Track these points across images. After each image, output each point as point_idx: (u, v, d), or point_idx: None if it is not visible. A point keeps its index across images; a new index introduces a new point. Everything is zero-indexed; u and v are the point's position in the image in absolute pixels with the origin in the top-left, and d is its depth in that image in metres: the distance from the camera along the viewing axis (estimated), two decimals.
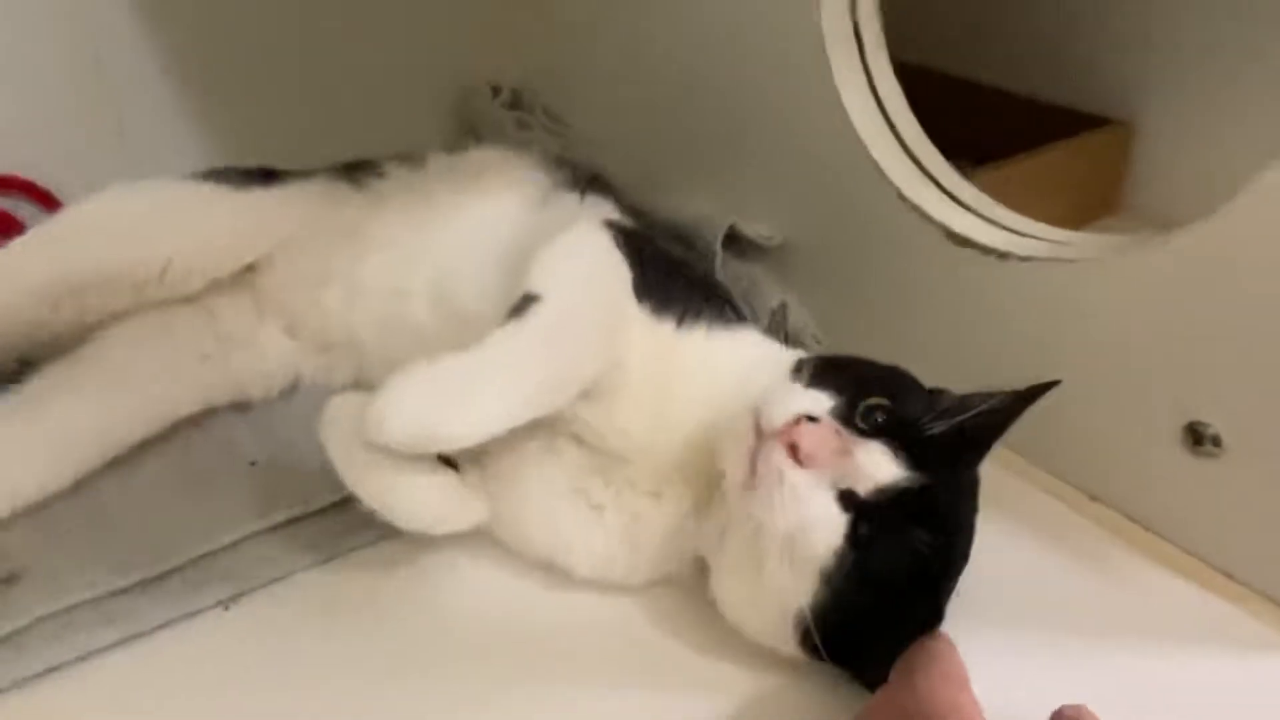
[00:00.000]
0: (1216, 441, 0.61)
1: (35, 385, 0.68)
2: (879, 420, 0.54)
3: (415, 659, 0.58)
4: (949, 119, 0.81)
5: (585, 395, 0.58)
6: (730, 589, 0.57)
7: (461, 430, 0.53)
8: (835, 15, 0.74)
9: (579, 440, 0.61)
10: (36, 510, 0.64)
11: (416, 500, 0.56)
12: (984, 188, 1.04)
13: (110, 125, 0.96)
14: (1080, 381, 0.67)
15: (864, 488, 0.51)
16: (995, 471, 0.71)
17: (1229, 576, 0.63)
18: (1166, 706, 0.56)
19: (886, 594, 0.51)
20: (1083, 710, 0.46)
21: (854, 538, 0.51)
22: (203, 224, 0.74)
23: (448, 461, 0.59)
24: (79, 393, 0.68)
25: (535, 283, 0.58)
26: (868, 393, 0.55)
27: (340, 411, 0.58)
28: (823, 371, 0.57)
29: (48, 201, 0.93)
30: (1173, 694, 0.57)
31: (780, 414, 0.52)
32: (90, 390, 0.68)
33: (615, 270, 0.63)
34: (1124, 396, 0.65)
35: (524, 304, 0.57)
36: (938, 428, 0.53)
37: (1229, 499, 0.61)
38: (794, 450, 0.51)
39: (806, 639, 0.53)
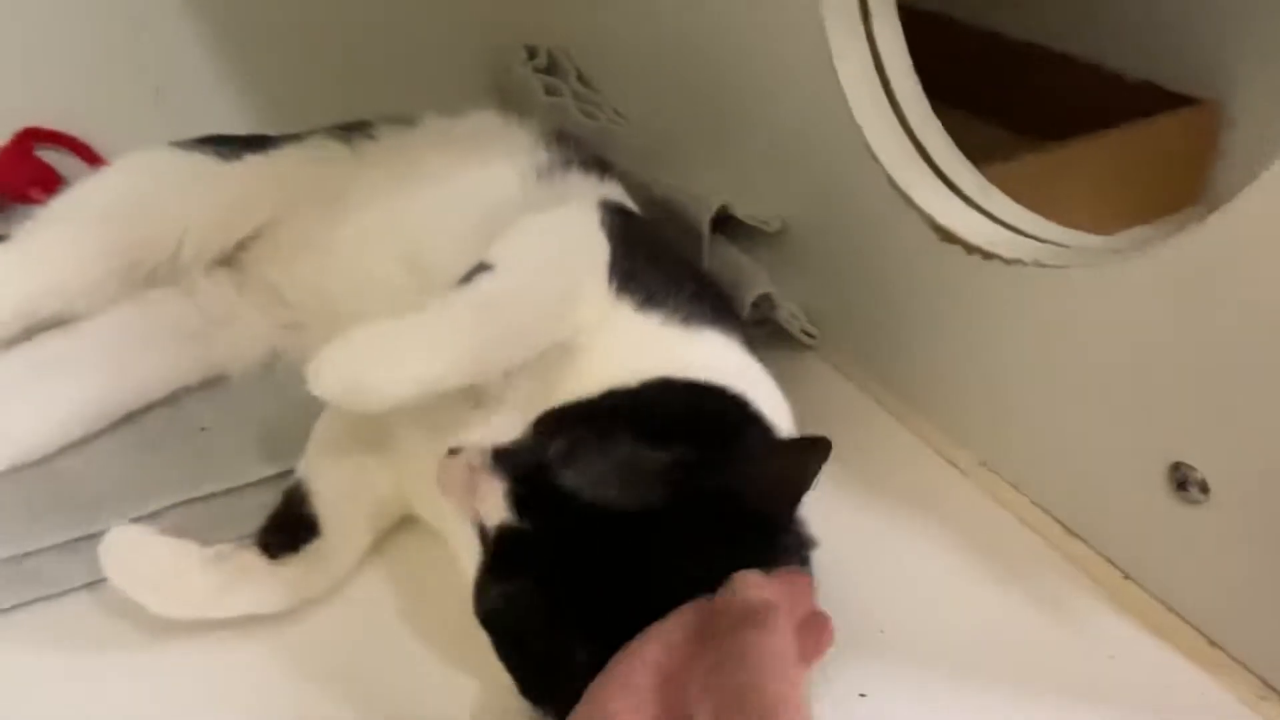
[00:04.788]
0: (1203, 488, 0.52)
1: (25, 359, 0.68)
2: (520, 461, 0.51)
3: (326, 632, 0.58)
4: (1005, 89, 0.72)
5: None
6: None
7: (386, 388, 0.53)
8: None
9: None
10: None
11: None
12: (1041, 170, 0.94)
13: (147, 85, 0.99)
14: (1065, 404, 0.60)
15: (488, 524, 0.50)
16: (976, 496, 0.65)
17: (1208, 641, 0.54)
18: None
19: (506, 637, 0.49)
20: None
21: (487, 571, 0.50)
22: (205, 198, 0.75)
23: (307, 525, 0.60)
24: (68, 371, 0.68)
25: (493, 253, 0.57)
26: (567, 434, 0.51)
27: (123, 542, 0.57)
28: (585, 406, 0.53)
29: (91, 157, 0.96)
30: None
31: (467, 440, 0.52)
32: (80, 369, 0.68)
33: (587, 249, 0.59)
34: (1109, 426, 0.57)
35: (474, 272, 0.56)
36: (569, 479, 0.49)
37: (1211, 554, 0.53)
38: None
39: None
